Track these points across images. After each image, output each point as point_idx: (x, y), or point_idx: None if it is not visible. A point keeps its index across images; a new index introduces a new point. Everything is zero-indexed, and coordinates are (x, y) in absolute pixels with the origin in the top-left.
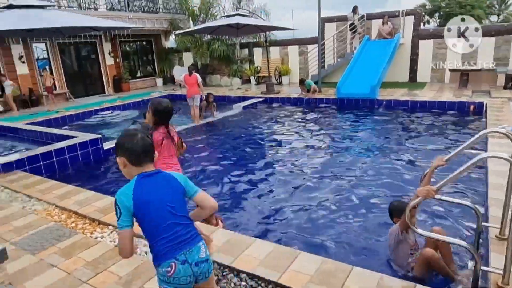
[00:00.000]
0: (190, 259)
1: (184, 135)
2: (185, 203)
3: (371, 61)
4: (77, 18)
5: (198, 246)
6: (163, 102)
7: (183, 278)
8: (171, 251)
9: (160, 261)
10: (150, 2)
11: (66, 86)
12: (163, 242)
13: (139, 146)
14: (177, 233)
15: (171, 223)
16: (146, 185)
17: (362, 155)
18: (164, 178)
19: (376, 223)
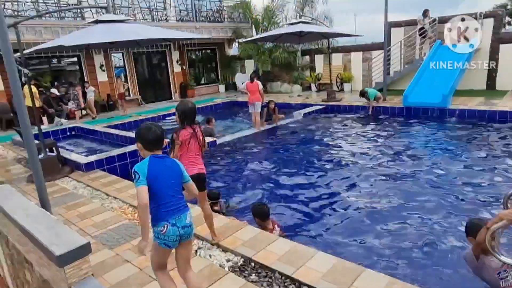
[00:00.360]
0: (179, 223)
1: (243, 141)
2: (181, 183)
3: (443, 68)
4: (152, 30)
5: (185, 214)
6: (188, 104)
7: (171, 237)
8: (165, 215)
9: (156, 222)
10: (216, 12)
11: (138, 92)
12: (161, 208)
13: (151, 137)
14: (172, 202)
15: (170, 194)
16: (157, 164)
17: (429, 170)
18: (171, 162)
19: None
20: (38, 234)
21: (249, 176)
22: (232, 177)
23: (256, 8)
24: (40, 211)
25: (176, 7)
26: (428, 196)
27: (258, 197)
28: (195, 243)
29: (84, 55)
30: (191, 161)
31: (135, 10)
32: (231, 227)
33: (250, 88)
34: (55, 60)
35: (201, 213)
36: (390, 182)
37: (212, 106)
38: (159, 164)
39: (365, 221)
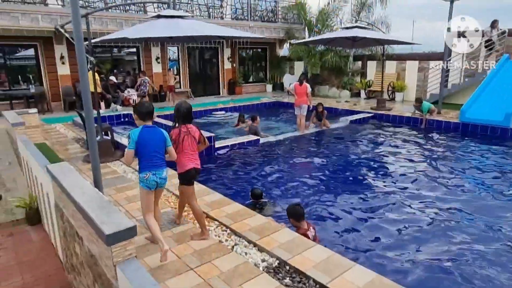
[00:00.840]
0: (158, 175)
1: (287, 143)
2: (163, 147)
3: (509, 84)
4: (208, 27)
5: (163, 170)
6: (182, 104)
7: (151, 182)
8: (149, 167)
9: (142, 170)
10: (270, 12)
11: (189, 85)
12: (146, 162)
13: (144, 110)
14: (154, 160)
15: (153, 154)
16: (146, 132)
17: (482, 195)
18: (157, 130)
19: None
20: (92, 212)
21: (289, 178)
22: (271, 178)
23: (311, 10)
24: (94, 191)
25: (232, 5)
26: (479, 222)
27: (296, 200)
28: (232, 239)
29: (142, 46)
30: (187, 157)
31: (193, 7)
32: (268, 228)
33: (298, 90)
34: (116, 50)
35: (244, 213)
36: (436, 203)
37: (258, 105)
38: (148, 132)
39: (409, 241)
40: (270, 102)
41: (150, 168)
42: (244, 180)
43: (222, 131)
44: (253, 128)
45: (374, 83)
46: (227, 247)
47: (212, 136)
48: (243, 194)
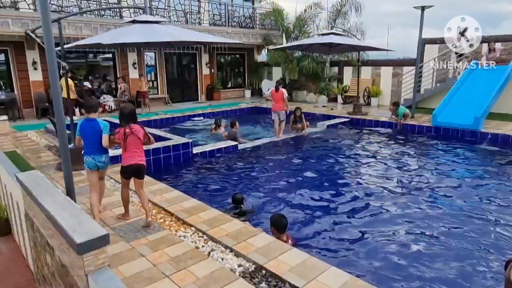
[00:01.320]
0: (96, 159)
1: (264, 148)
2: (100, 136)
3: (477, 89)
4: (185, 33)
5: (102, 155)
6: (126, 107)
7: (90, 164)
8: (88, 152)
9: (85, 155)
10: (248, 18)
11: (166, 91)
12: (87, 148)
13: (87, 105)
14: (91, 146)
15: (91, 142)
16: (84, 124)
17: (452, 197)
18: (94, 123)
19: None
20: (62, 220)
21: (267, 183)
22: (249, 184)
23: (289, 16)
24: (65, 199)
25: (209, 11)
26: (450, 223)
27: (273, 204)
28: (208, 245)
29: (118, 52)
30: (130, 154)
31: (170, 12)
32: (245, 233)
33: (275, 96)
34: (91, 55)
35: (221, 218)
36: (409, 205)
37: (237, 110)
38: (86, 124)
39: (384, 244)
40: (249, 108)
41: (89, 154)
42: (222, 186)
43: (200, 137)
44: (232, 134)
45: (350, 88)
46: (204, 253)
47: (190, 142)
48: (220, 200)
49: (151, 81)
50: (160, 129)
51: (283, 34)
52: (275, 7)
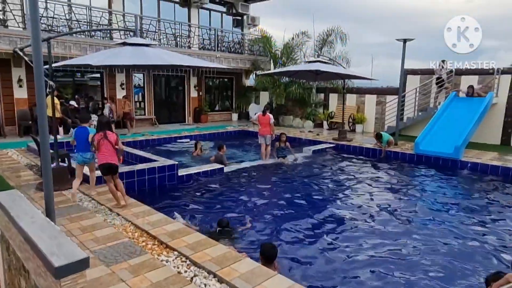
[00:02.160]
0: (82, 155)
1: (250, 172)
2: (87, 139)
3: (457, 119)
4: (175, 56)
5: (86, 153)
6: (104, 118)
7: (79, 159)
8: (77, 150)
9: (76, 152)
10: (237, 43)
11: (153, 112)
12: (78, 148)
13: (82, 116)
14: (80, 146)
15: (81, 144)
16: (78, 130)
17: (434, 223)
18: (84, 130)
19: None
20: (40, 242)
21: (252, 207)
22: (234, 207)
23: (276, 43)
24: (45, 220)
25: (199, 35)
26: (428, 246)
27: (258, 228)
28: (191, 270)
29: (107, 72)
30: (103, 155)
31: (161, 35)
32: (229, 258)
33: (262, 120)
34: (79, 74)
35: (205, 242)
36: (394, 232)
37: (224, 133)
38: (79, 130)
39: (367, 271)
40: (236, 131)
41: (78, 151)
42: (207, 209)
43: (186, 159)
44: (218, 157)
45: (336, 114)
46: (186, 278)
47: (175, 164)
48: (204, 223)
49: (138, 102)
50: (145, 150)
51: (271, 60)
52: (264, 34)
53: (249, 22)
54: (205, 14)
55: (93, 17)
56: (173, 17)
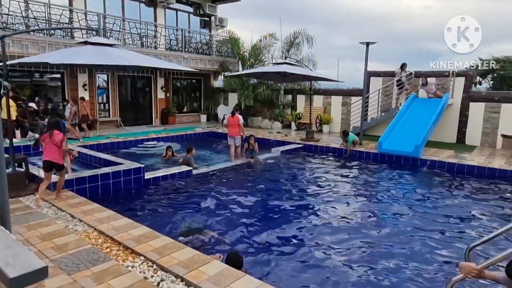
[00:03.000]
0: None
1: (220, 174)
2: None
3: (416, 119)
4: (141, 57)
5: None
6: (51, 120)
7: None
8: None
9: None
10: (205, 44)
11: (118, 114)
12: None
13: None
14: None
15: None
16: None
17: (396, 217)
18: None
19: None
20: None
21: (220, 209)
22: (202, 210)
23: (244, 45)
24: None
25: (166, 36)
26: (394, 242)
27: (226, 230)
28: (158, 275)
29: (68, 72)
30: (46, 152)
31: (125, 35)
32: (197, 261)
33: (231, 121)
34: (37, 75)
35: (172, 246)
36: (357, 226)
37: (192, 135)
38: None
39: (334, 266)
40: (204, 132)
41: None
42: (174, 212)
43: (154, 161)
44: (186, 159)
45: (303, 115)
46: (153, 283)
47: (142, 167)
48: (172, 227)
49: (103, 103)
50: (111, 153)
51: (239, 61)
52: (232, 35)
53: (217, 23)
54: (172, 14)
55: (52, 14)
56: (138, 16)
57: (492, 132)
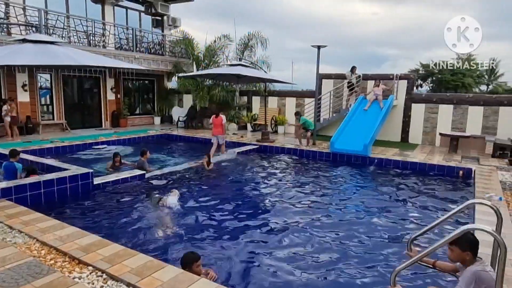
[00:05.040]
0: None
1: (174, 177)
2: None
3: (365, 120)
4: (87, 56)
5: None
6: None
7: None
8: None
9: None
10: (157, 45)
11: (64, 117)
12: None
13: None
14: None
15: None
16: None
17: (346, 212)
18: (11, 164)
19: None
20: None
21: (172, 212)
22: (155, 214)
23: (199, 46)
24: None
25: (115, 34)
26: (343, 233)
27: (179, 234)
28: (108, 285)
29: (4, 71)
30: None
31: (70, 33)
32: (150, 267)
33: (215, 121)
34: None
35: (124, 253)
36: (311, 221)
37: (145, 138)
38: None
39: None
40: (158, 135)
41: None
42: (126, 218)
43: (104, 166)
44: (140, 163)
45: (259, 116)
46: None
47: (90, 172)
48: (123, 234)
49: (46, 105)
50: (56, 158)
51: (194, 62)
52: (186, 36)
53: (170, 23)
54: (122, 12)
55: None
56: (84, 13)
57: (431, 131)
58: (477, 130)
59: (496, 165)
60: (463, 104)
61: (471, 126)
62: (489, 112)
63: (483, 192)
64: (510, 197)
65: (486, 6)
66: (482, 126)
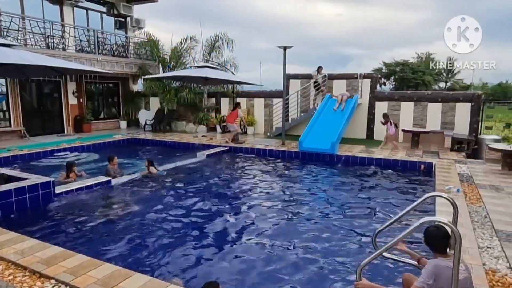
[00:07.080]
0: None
1: (141, 183)
2: None
3: (331, 118)
4: (42, 59)
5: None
6: None
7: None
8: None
9: None
10: (121, 47)
11: (22, 123)
12: None
13: None
14: None
15: None
16: None
17: (313, 208)
18: None
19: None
20: None
21: (141, 220)
22: (121, 221)
23: (165, 47)
24: None
25: (76, 37)
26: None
27: (147, 243)
28: None
29: None
30: None
31: (26, 35)
32: (117, 276)
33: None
34: None
35: (89, 264)
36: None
37: (111, 143)
38: None
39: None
40: (125, 139)
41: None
42: (91, 228)
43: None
44: (107, 170)
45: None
46: None
47: (51, 181)
48: (88, 244)
49: (2, 111)
50: (13, 168)
51: (160, 64)
52: (150, 37)
53: (134, 24)
54: (82, 13)
55: None
56: (41, 14)
57: None
58: (437, 125)
59: (454, 159)
60: (423, 101)
61: (431, 122)
62: (447, 108)
63: (443, 185)
64: (467, 188)
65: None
66: (441, 121)
